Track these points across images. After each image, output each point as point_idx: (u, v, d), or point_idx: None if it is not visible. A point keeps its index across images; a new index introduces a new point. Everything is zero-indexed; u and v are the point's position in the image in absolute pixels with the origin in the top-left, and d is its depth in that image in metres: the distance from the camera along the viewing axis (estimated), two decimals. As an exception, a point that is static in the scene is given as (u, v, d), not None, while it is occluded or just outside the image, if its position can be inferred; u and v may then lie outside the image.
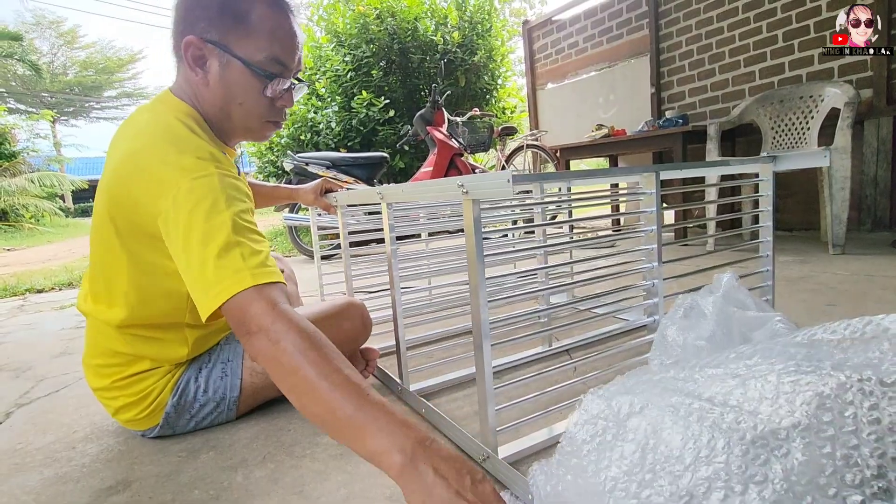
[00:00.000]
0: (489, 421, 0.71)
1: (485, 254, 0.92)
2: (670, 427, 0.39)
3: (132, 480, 0.78)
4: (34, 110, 16.98)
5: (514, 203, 1.39)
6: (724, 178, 2.67)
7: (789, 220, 2.97)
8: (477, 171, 3.38)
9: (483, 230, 0.88)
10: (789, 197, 2.92)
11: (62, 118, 20.80)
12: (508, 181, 0.57)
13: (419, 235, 1.63)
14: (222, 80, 0.78)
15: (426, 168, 3.20)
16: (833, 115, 2.32)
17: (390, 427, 0.52)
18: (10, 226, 9.18)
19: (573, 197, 1.12)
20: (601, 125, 3.37)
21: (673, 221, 3.52)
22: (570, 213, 1.53)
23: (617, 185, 2.88)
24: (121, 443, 0.91)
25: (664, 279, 0.99)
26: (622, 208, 3.37)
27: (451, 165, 3.17)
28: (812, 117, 2.51)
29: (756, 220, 1.13)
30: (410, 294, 1.49)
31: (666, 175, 0.93)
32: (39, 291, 2.90)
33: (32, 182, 9.51)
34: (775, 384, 0.38)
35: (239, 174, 0.78)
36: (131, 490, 0.75)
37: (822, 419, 0.35)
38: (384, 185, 1.33)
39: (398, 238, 0.98)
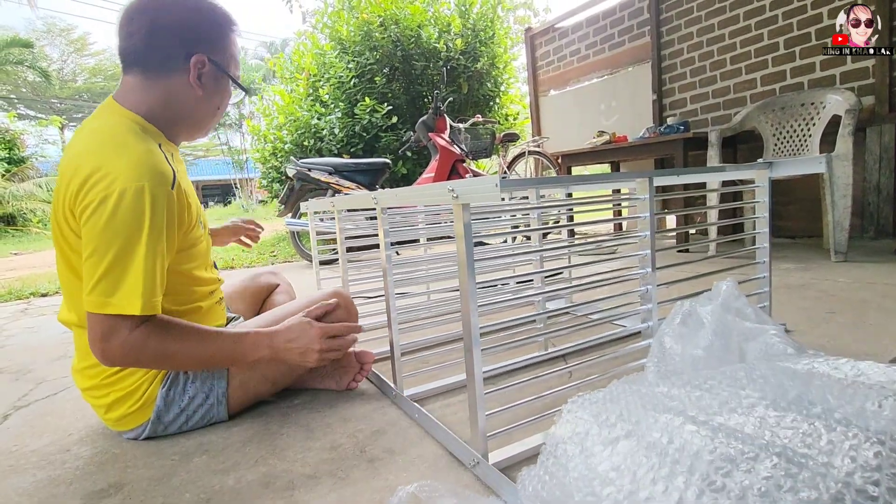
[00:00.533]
0: (479, 426, 0.71)
1: (478, 258, 0.92)
2: (643, 432, 0.39)
3: (124, 483, 0.78)
4: (43, 116, 17.20)
5: (514, 208, 1.39)
6: (725, 184, 2.66)
7: (792, 227, 2.95)
8: (468, 176, 3.38)
9: (483, 234, 0.88)
10: (792, 204, 2.91)
11: (71, 124, 21.03)
12: (496, 186, 0.58)
13: (418, 241, 1.64)
14: (219, 92, 0.91)
15: (428, 174, 3.21)
16: (835, 122, 2.32)
17: (251, 341, 0.86)
18: (17, 230, 9.27)
19: (569, 202, 1.12)
20: (603, 132, 3.37)
21: (675, 227, 3.51)
22: (570, 219, 1.53)
23: (619, 191, 2.87)
24: (115, 446, 0.91)
25: (660, 285, 0.98)
26: (625, 214, 3.37)
27: (453, 171, 3.17)
28: (814, 124, 2.51)
29: (755, 226, 1.13)
30: (409, 299, 1.50)
31: (660, 181, 0.93)
32: (44, 295, 2.92)
33: (40, 187, 9.62)
34: (761, 415, 0.38)
35: (175, 176, 0.83)
36: (123, 493, 0.75)
37: (796, 449, 0.35)
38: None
39: (399, 243, 0.99)
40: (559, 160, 3.67)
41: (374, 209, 0.99)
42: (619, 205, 3.47)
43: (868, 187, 2.57)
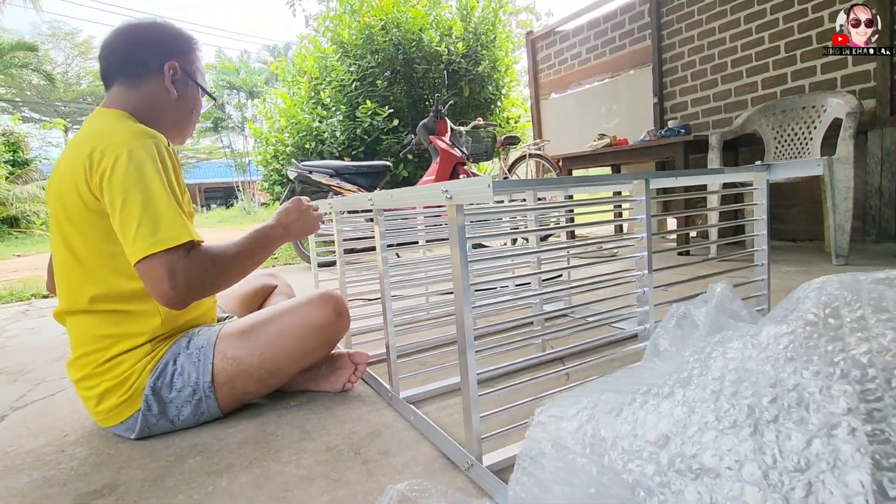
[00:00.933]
0: (473, 428, 0.70)
1: (476, 260, 0.92)
2: (600, 412, 0.40)
3: (118, 484, 0.78)
4: (48, 119, 17.31)
5: (513, 210, 1.39)
6: (725, 186, 2.66)
7: (794, 230, 2.94)
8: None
9: (481, 236, 0.88)
10: (794, 207, 2.90)
11: (74, 127, 21.15)
12: (489, 187, 0.57)
13: (416, 243, 1.64)
14: (190, 97, 1.03)
15: (428, 176, 3.21)
16: (836, 125, 2.31)
17: (266, 230, 0.98)
18: (21, 232, 9.31)
19: (566, 204, 1.12)
20: (603, 135, 3.37)
21: (675, 229, 3.51)
22: (570, 221, 1.53)
23: (620, 193, 2.87)
24: (109, 447, 0.91)
25: (658, 287, 0.98)
26: (625, 216, 3.36)
27: (454, 174, 3.17)
28: (815, 127, 2.50)
29: (754, 228, 1.12)
30: (407, 301, 1.49)
31: (657, 183, 0.93)
32: (45, 297, 2.93)
33: (44, 189, 9.65)
34: (695, 359, 0.40)
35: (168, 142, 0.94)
36: (116, 494, 0.75)
37: (712, 375, 0.37)
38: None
39: (398, 245, 0.99)
40: (560, 163, 3.67)
41: (370, 211, 0.99)
42: (620, 207, 3.47)
43: (869, 190, 2.56)
